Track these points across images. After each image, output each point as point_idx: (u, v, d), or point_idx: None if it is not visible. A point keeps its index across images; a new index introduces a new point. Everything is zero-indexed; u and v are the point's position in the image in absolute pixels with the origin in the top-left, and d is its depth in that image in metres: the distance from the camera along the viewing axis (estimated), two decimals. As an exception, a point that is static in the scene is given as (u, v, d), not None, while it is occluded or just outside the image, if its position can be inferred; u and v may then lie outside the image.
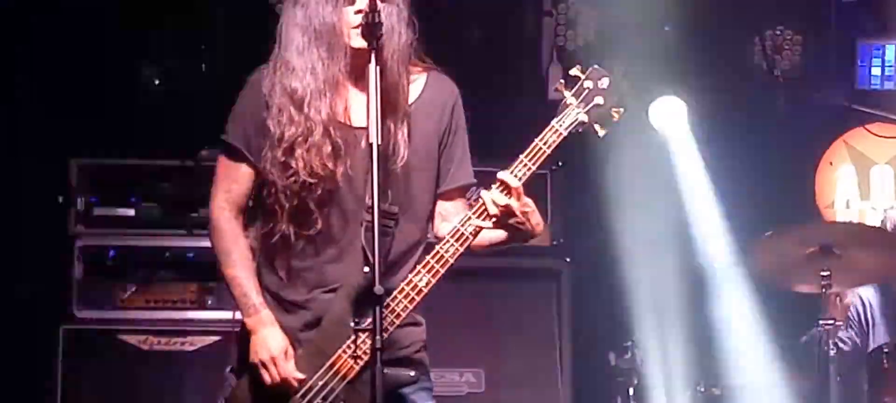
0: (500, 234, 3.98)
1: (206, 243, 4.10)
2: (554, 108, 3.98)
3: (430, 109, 4.05)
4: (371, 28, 3.75)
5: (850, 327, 7.11)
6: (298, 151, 3.89)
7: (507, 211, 3.88)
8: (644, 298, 7.65)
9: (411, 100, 4.02)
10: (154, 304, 6.80)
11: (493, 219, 3.88)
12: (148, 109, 7.26)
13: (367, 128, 3.77)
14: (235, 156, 4.03)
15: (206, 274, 6.69)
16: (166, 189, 6.90)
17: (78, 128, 7.15)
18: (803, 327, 6.92)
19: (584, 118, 3.94)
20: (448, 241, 3.88)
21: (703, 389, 7.06)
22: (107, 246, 6.85)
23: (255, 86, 4.02)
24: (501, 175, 3.88)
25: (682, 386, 7.22)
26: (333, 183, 3.91)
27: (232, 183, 4.03)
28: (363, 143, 3.87)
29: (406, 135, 3.95)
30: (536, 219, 3.95)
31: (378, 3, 3.77)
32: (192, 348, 6.73)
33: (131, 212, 6.94)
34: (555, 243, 7.07)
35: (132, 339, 6.73)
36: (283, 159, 3.91)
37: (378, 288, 3.61)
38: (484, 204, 3.88)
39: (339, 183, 3.91)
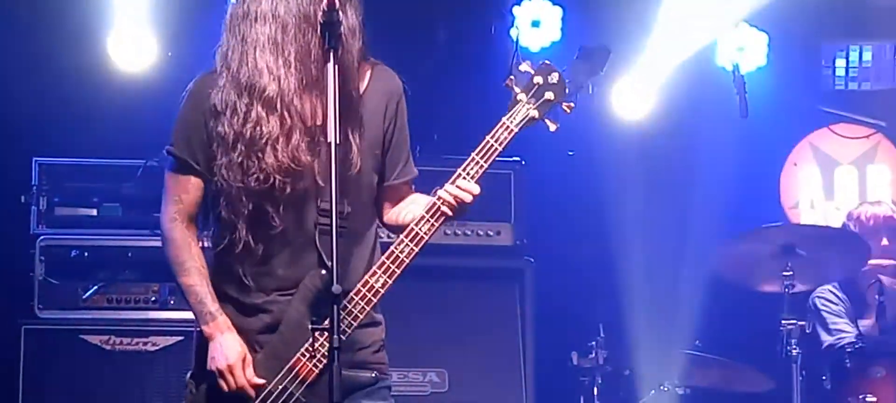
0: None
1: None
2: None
3: (376, 103, 4.01)
4: (331, 27, 3.74)
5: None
6: (268, 150, 3.82)
7: (463, 207, 3.89)
8: (607, 297, 7.67)
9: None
10: (116, 304, 6.76)
11: (452, 213, 3.88)
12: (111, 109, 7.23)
13: (325, 128, 3.75)
14: (182, 167, 3.99)
15: (168, 275, 6.59)
16: (128, 189, 6.86)
17: (41, 127, 7.12)
18: (767, 327, 6.95)
19: (535, 114, 3.93)
20: (403, 242, 3.87)
21: (667, 388, 7.08)
22: (69, 245, 6.80)
23: (196, 95, 3.97)
24: (462, 183, 3.87)
25: (646, 386, 7.22)
26: (300, 182, 3.85)
27: (181, 193, 3.99)
28: (322, 144, 3.84)
29: (360, 137, 3.93)
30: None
31: (337, 2, 3.75)
32: (154, 348, 6.70)
33: (94, 212, 6.91)
34: (518, 243, 7.06)
35: (94, 339, 6.69)
36: (240, 160, 3.84)
37: (336, 287, 3.58)
38: (443, 201, 3.87)
39: (303, 183, 3.86)
